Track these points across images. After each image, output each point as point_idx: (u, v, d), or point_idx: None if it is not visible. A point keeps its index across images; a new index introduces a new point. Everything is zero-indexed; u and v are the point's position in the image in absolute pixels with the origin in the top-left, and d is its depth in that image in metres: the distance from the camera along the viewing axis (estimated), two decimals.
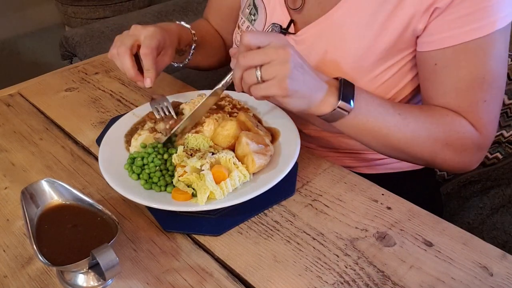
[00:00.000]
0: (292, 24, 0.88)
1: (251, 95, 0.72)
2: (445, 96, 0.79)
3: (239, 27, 0.99)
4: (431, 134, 0.78)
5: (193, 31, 1.00)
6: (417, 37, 0.80)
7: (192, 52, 1.01)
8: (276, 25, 0.76)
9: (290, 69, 0.67)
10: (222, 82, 0.79)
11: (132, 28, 0.86)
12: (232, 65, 0.73)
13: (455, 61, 0.77)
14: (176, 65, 1.03)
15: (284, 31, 0.88)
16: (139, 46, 0.84)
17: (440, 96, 0.80)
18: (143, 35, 0.83)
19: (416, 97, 0.90)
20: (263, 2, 0.92)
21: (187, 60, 1.02)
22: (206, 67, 1.12)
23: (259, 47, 0.69)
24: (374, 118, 0.76)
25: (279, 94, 0.69)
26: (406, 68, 0.84)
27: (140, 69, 0.84)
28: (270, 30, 0.84)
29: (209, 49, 1.08)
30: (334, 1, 0.82)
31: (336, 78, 0.75)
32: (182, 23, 1.00)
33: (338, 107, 0.72)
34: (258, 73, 0.68)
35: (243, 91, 0.74)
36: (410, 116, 0.77)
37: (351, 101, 0.73)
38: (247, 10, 0.96)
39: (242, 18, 0.98)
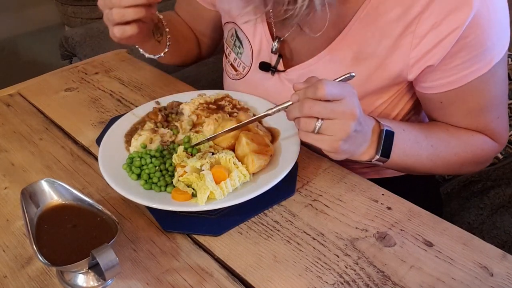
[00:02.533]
0: (281, 60, 0.87)
1: (299, 133, 0.69)
2: (459, 123, 0.82)
3: (226, 57, 0.97)
4: (459, 158, 0.81)
5: (160, 16, 0.93)
6: (412, 81, 0.80)
7: (168, 37, 0.93)
8: (352, 74, 0.70)
9: (349, 133, 0.65)
10: (274, 109, 0.73)
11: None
12: (292, 99, 0.68)
13: (460, 98, 0.78)
14: (152, 56, 0.95)
15: (273, 69, 0.87)
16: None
17: (454, 123, 0.82)
18: None
19: (408, 117, 0.90)
20: (246, 36, 0.90)
21: (168, 44, 0.94)
22: (180, 61, 1.07)
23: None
24: (409, 157, 0.78)
25: (327, 151, 0.68)
26: (399, 97, 0.84)
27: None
28: (344, 78, 0.72)
29: (181, 40, 1.02)
30: (322, 45, 0.81)
31: (378, 122, 0.74)
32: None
33: (376, 160, 0.74)
34: (318, 125, 0.65)
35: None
36: (442, 145, 0.80)
37: (389, 153, 0.74)
38: (231, 40, 0.94)
39: (227, 48, 0.96)
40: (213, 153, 0.76)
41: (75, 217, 0.66)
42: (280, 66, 0.87)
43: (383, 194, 0.76)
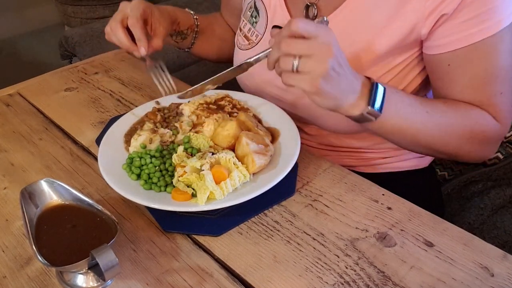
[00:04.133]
0: None
1: (281, 77, 0.70)
2: (462, 93, 0.80)
3: (240, 30, 0.99)
4: (457, 130, 0.79)
5: (195, 16, 1.04)
6: (422, 41, 0.80)
7: (195, 36, 1.05)
8: (325, 19, 0.73)
9: (327, 69, 0.65)
10: (255, 57, 0.75)
11: (120, 5, 0.91)
12: (270, 43, 0.71)
13: (467, 60, 0.77)
14: (182, 50, 1.08)
15: None
16: None
17: (457, 94, 0.80)
18: (129, 8, 0.89)
19: (418, 93, 0.90)
20: (263, 4, 0.92)
21: (191, 44, 1.06)
22: (214, 57, 1.15)
23: (303, 37, 0.66)
24: (403, 120, 0.76)
25: (308, 91, 0.67)
26: (408, 68, 0.84)
27: (135, 42, 0.90)
28: (318, 22, 0.76)
29: (216, 40, 1.11)
30: (335, 5, 0.83)
31: (369, 78, 0.74)
32: (186, 9, 1.05)
33: (367, 113, 0.72)
34: (296, 62, 0.65)
35: (273, 70, 0.72)
36: (437, 113, 0.78)
37: (381, 106, 0.72)
38: (248, 12, 0.97)
39: (243, 21, 0.98)
40: (213, 153, 0.76)
41: (74, 217, 0.66)
42: None
43: (383, 194, 0.76)
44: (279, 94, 0.90)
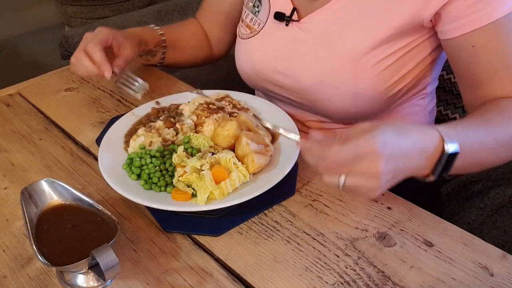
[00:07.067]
0: (295, 12, 0.89)
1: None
2: (498, 74, 0.76)
3: (242, 21, 1.00)
4: None
5: (161, 32, 1.06)
6: (434, 26, 0.79)
7: (163, 51, 1.07)
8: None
9: (379, 184, 0.58)
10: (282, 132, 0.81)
11: (84, 35, 0.93)
12: (298, 144, 0.73)
13: (491, 38, 0.75)
14: (154, 65, 1.11)
15: (288, 18, 0.89)
16: None
17: (493, 76, 0.76)
18: (91, 36, 0.91)
19: (415, 87, 0.90)
20: None
21: (161, 59, 1.09)
22: (186, 64, 1.18)
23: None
24: (471, 162, 0.71)
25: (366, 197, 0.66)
26: (409, 56, 0.84)
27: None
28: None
29: (187, 48, 1.13)
30: None
31: (442, 138, 0.63)
32: (151, 26, 1.07)
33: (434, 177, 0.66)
34: (342, 180, 0.59)
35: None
36: (501, 134, 0.71)
37: (449, 168, 0.65)
38: (250, 3, 0.98)
39: (245, 12, 0.99)
40: (213, 153, 0.76)
41: (75, 217, 0.66)
42: (295, 17, 0.89)
43: (383, 194, 0.76)
44: (280, 79, 0.91)
